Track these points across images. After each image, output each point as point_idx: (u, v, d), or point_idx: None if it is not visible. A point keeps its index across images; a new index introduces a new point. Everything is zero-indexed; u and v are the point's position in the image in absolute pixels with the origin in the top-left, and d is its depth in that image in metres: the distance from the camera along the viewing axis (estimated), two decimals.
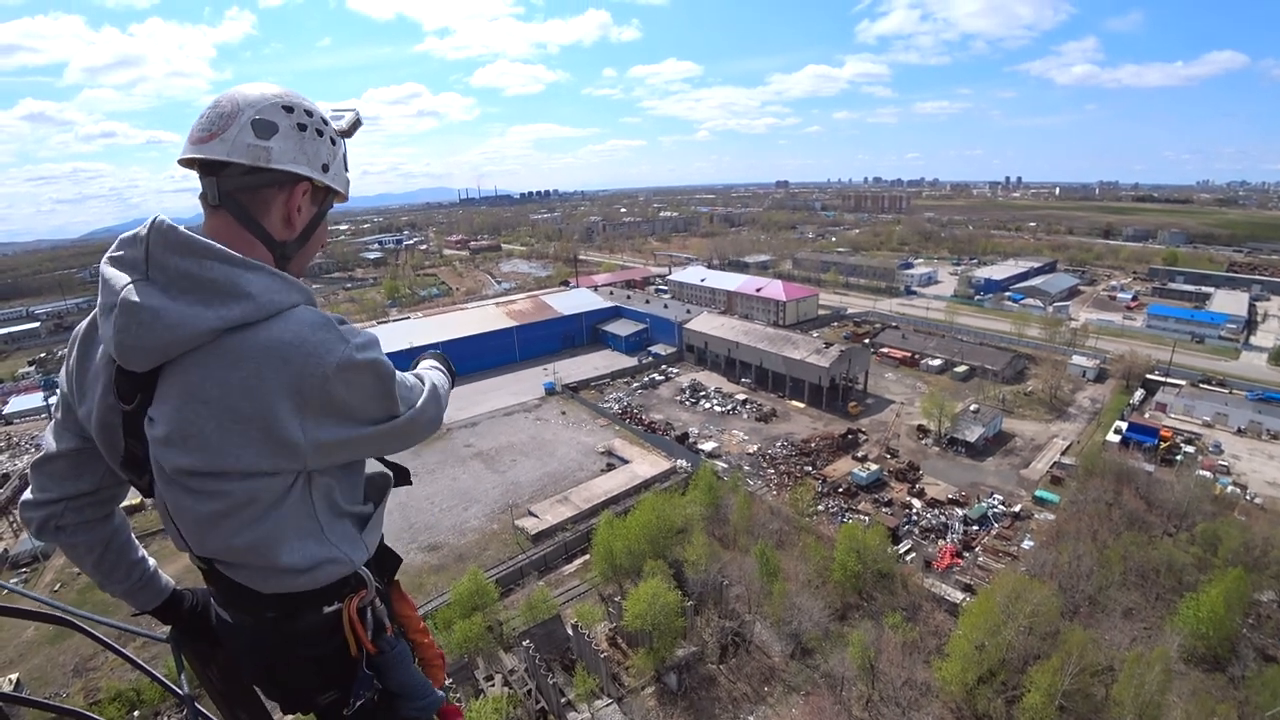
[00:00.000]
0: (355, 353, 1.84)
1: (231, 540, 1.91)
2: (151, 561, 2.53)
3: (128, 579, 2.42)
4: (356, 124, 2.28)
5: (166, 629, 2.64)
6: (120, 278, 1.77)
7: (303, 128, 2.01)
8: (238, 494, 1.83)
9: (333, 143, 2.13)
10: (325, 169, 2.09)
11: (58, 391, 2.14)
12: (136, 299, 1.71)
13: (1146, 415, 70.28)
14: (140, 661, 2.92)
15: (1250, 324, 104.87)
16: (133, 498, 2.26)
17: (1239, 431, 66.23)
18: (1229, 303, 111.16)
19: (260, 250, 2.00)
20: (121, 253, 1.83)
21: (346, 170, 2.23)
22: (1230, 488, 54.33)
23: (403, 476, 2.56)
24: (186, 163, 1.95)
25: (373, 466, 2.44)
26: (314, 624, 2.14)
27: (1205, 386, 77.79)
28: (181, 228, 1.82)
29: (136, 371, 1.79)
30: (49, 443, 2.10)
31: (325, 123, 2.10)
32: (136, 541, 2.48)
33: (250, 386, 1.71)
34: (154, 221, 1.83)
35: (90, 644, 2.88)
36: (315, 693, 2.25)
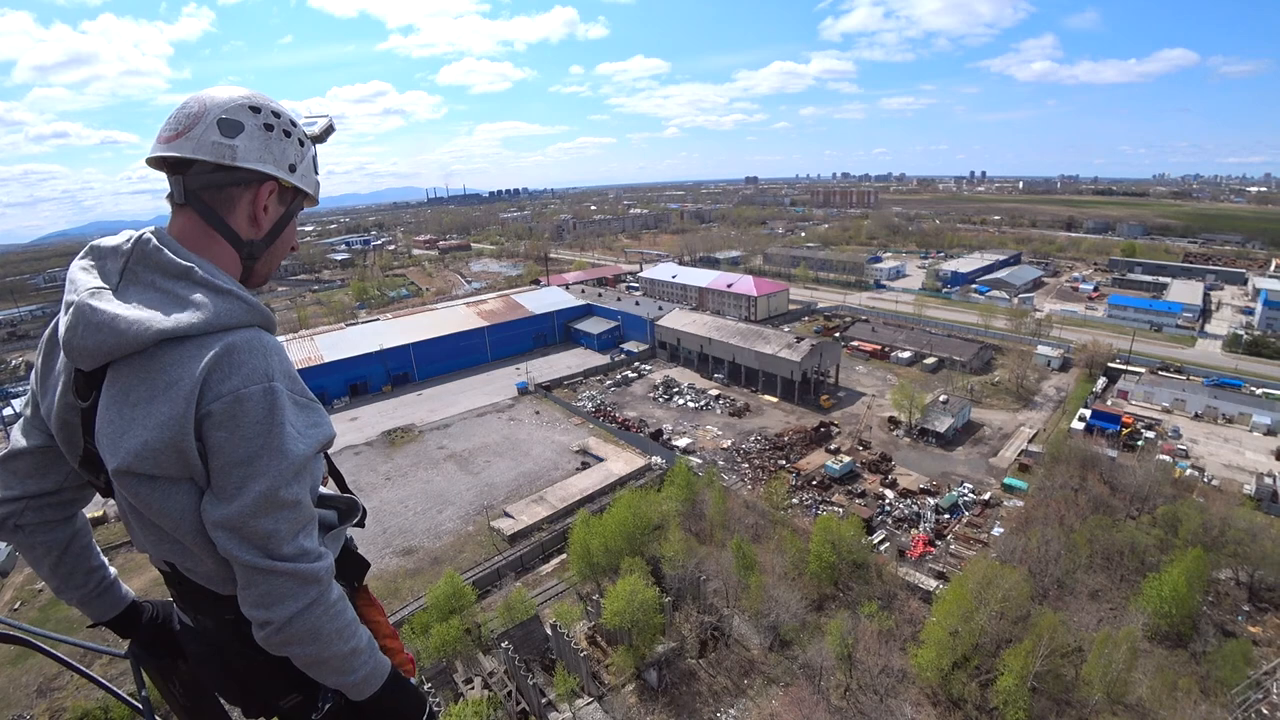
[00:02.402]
0: (254, 387, 1.76)
1: (184, 541, 1.90)
2: (111, 570, 2.50)
3: (84, 585, 2.39)
4: (329, 130, 2.32)
5: (127, 645, 2.59)
6: (86, 281, 1.82)
7: (269, 128, 2.04)
8: (178, 498, 1.82)
9: (301, 144, 2.15)
10: (292, 169, 2.10)
11: (28, 390, 2.16)
12: (94, 303, 1.75)
13: (1109, 402, 72.20)
14: (100, 678, 2.82)
15: (1205, 312, 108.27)
16: (95, 509, 2.19)
17: (1196, 416, 68.33)
18: (1185, 292, 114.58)
19: (224, 248, 2.02)
20: (97, 262, 1.88)
21: (316, 173, 2.25)
22: (1189, 471, 56.02)
23: (360, 516, 2.48)
24: (154, 163, 1.99)
25: (337, 493, 2.42)
26: None
27: (1164, 373, 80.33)
28: (166, 250, 1.86)
29: (86, 370, 1.82)
30: (16, 439, 2.12)
31: (294, 124, 2.13)
32: (97, 549, 2.45)
33: (171, 395, 1.72)
34: (140, 238, 1.89)
35: (54, 663, 2.80)
36: (277, 696, 2.24)
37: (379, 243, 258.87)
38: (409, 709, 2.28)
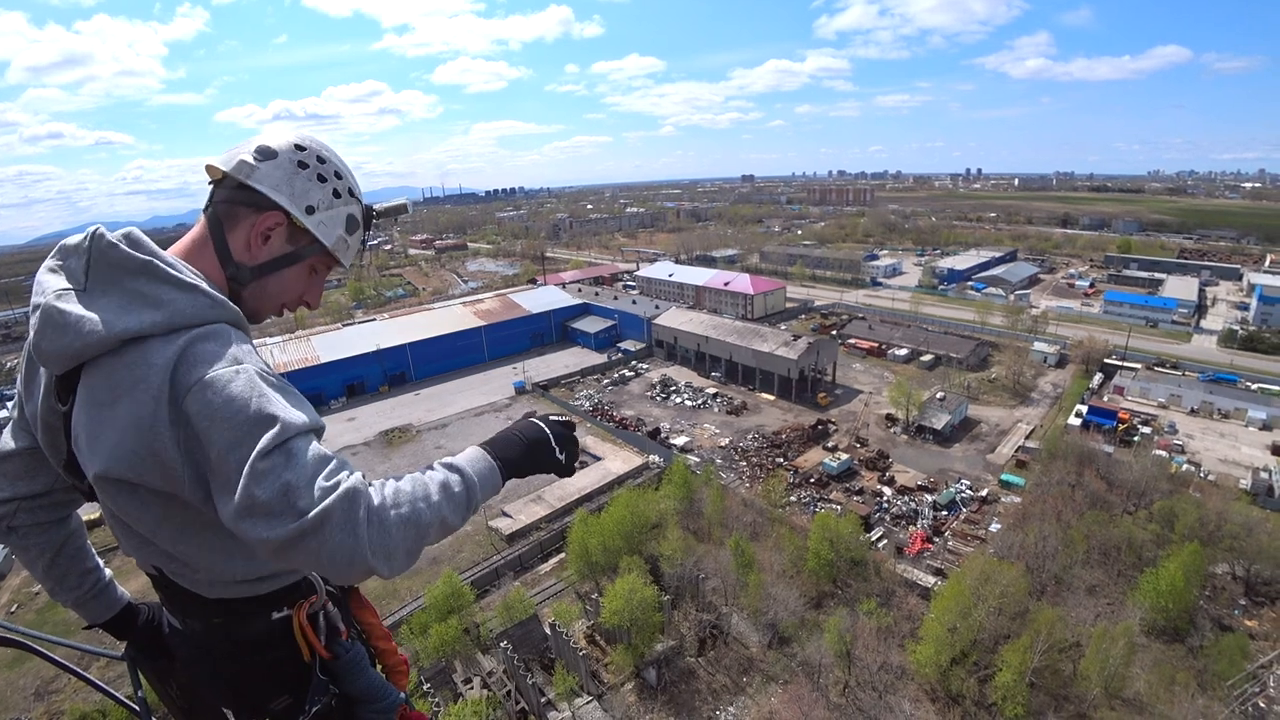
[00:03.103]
0: (224, 369, 1.62)
1: (165, 548, 1.88)
2: (106, 572, 2.48)
3: (79, 587, 2.38)
4: (400, 209, 2.36)
5: (124, 648, 2.58)
6: (52, 283, 1.76)
7: (303, 165, 2.02)
8: (157, 507, 1.76)
9: (335, 195, 2.08)
10: (309, 211, 2.02)
11: (15, 392, 2.10)
12: (58, 305, 1.70)
13: (1105, 398, 72.38)
14: (97, 681, 2.81)
15: (1200, 308, 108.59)
16: (93, 511, 2.19)
17: (1192, 412, 68.52)
18: (1180, 288, 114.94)
19: (210, 260, 1.97)
20: (63, 262, 1.81)
21: (344, 232, 2.14)
22: (1185, 466, 56.19)
23: None
24: (209, 173, 2.01)
25: None
26: (262, 630, 2.12)
27: (1160, 369, 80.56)
28: (121, 245, 1.78)
29: (57, 373, 1.78)
30: (5, 441, 2.09)
31: (338, 177, 2.09)
32: (92, 551, 2.44)
33: (137, 396, 1.63)
34: (95, 234, 1.81)
35: (52, 666, 2.78)
36: (267, 698, 2.23)
37: (375, 242, 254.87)
38: (537, 445, 2.11)
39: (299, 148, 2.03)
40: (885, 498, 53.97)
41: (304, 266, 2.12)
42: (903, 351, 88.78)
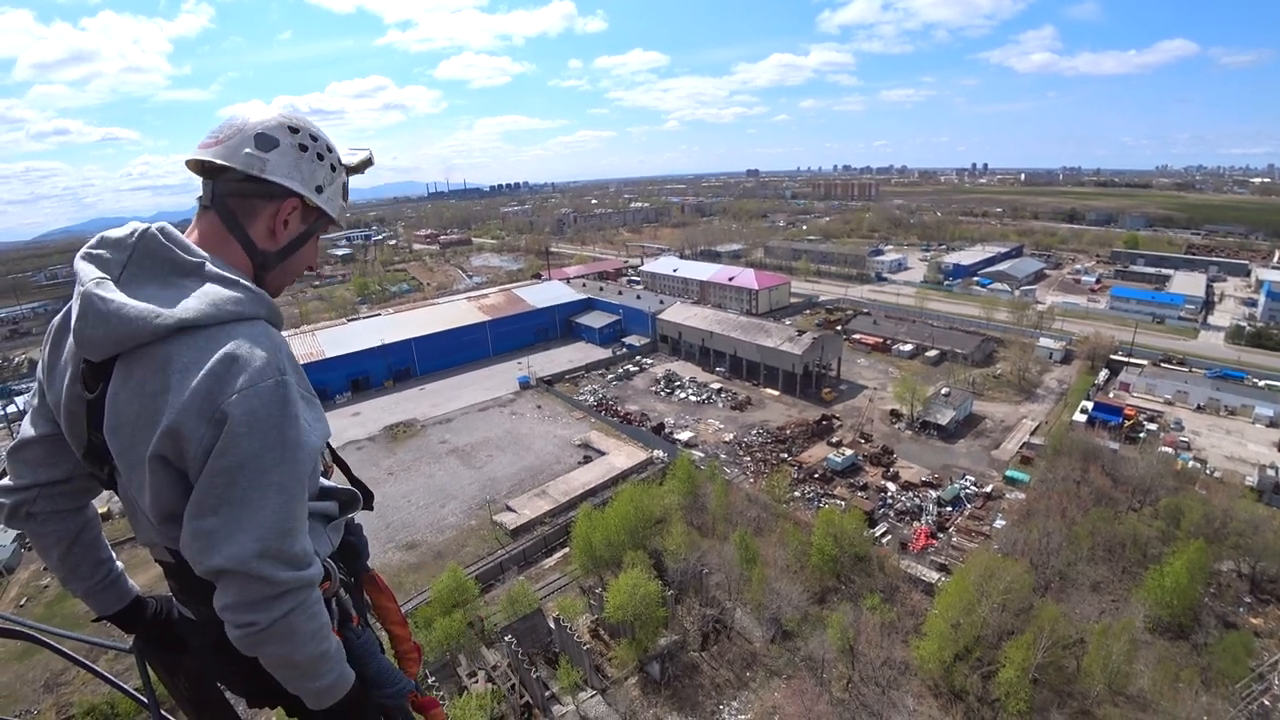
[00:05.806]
0: (268, 382, 1.77)
1: (176, 534, 1.90)
2: (118, 564, 2.52)
3: (91, 577, 2.42)
4: (368, 162, 2.44)
5: (133, 641, 2.61)
6: (91, 271, 1.84)
7: (303, 148, 2.13)
8: (176, 488, 1.83)
9: (332, 169, 2.23)
10: (319, 190, 2.17)
11: (37, 380, 2.16)
12: (99, 293, 1.78)
13: (1111, 395, 72.11)
14: (105, 673, 2.83)
15: (1208, 304, 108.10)
16: (100, 505, 2.22)
17: (1198, 408, 68.22)
18: (1187, 284, 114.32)
19: (238, 253, 2.09)
20: (103, 252, 1.90)
21: (344, 199, 2.33)
22: (1191, 463, 56.02)
23: (368, 500, 2.56)
24: (193, 166, 2.07)
25: (341, 483, 2.47)
26: None
27: (1166, 366, 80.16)
28: (170, 243, 1.91)
29: (95, 360, 1.84)
30: (26, 428, 2.16)
31: (330, 150, 2.22)
32: (106, 542, 2.48)
33: (172, 385, 1.74)
34: (144, 232, 1.93)
35: (61, 659, 2.82)
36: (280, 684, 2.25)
37: (380, 238, 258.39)
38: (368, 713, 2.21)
39: (293, 130, 2.12)
40: (889, 493, 53.93)
41: (315, 237, 2.29)
42: (907, 347, 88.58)
